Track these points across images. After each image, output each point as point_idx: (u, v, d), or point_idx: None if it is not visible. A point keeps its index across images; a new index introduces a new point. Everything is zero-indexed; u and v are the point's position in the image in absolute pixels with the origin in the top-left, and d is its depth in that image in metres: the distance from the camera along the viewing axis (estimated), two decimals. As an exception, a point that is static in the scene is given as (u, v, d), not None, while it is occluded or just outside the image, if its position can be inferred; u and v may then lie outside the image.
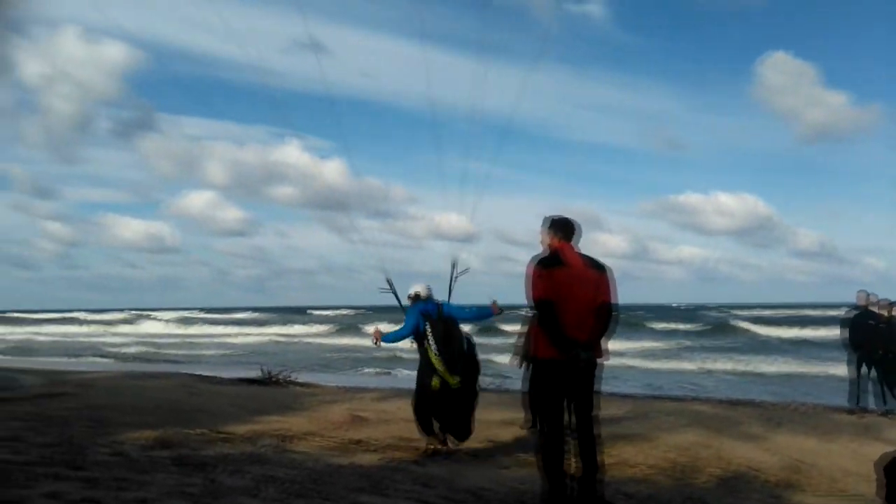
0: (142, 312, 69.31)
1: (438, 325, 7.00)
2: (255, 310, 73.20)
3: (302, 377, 15.07)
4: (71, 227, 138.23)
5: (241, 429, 8.19)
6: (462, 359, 7.02)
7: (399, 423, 8.92)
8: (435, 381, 6.92)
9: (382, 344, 7.43)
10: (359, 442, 7.72)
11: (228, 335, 39.53)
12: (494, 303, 7.32)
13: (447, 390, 6.91)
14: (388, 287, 7.71)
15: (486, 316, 7.45)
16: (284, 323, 48.46)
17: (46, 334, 44.37)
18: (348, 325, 45.50)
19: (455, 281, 7.55)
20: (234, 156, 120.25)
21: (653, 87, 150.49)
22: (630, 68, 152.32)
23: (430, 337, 6.96)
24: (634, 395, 14.26)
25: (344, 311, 65.84)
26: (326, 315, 60.40)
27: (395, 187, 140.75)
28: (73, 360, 24.17)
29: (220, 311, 69.73)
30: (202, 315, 63.18)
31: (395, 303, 7.72)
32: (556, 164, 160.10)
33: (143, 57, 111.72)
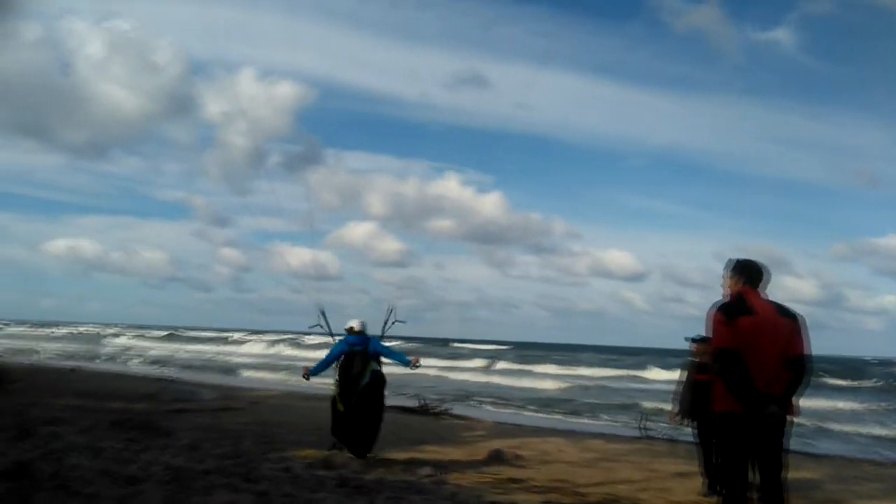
0: (296, 336, 73.17)
1: (348, 358, 8.06)
2: (406, 339, 75.23)
3: (456, 410, 15.20)
4: (243, 253, 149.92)
5: (399, 456, 8.38)
6: (357, 391, 7.96)
7: (559, 464, 8.74)
8: (339, 405, 8.04)
9: (311, 378, 8.44)
10: (517, 481, 7.61)
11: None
12: (416, 358, 8.54)
13: (350, 414, 7.94)
14: (319, 322, 8.80)
15: (403, 363, 8.41)
16: (436, 355, 49.14)
17: (205, 351, 47.82)
18: (501, 360, 45.45)
19: (389, 325, 8.77)
20: (394, 189, 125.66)
21: (849, 118, 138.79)
22: (823, 99, 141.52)
23: (338, 367, 8.08)
24: (826, 455, 12.99)
25: (503, 347, 65.43)
26: (480, 349, 60.62)
27: (555, 222, 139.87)
28: (230, 376, 25.65)
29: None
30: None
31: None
32: (738, 200, 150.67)
33: (312, 94, 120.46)
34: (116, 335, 63.73)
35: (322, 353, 8.77)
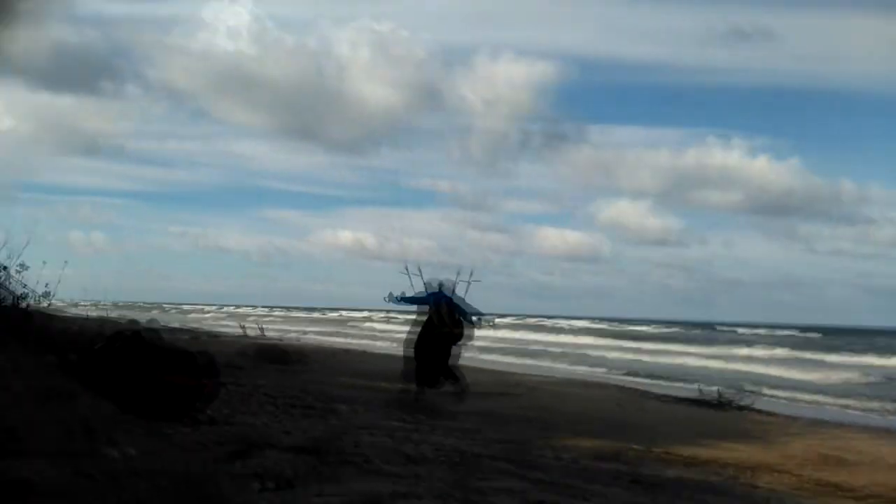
0: (547, 319, 72.74)
1: (443, 303, 10.61)
2: (676, 323, 71.77)
3: (756, 403, 14.04)
4: (508, 238, 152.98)
5: (697, 453, 7.91)
6: (457, 322, 10.56)
7: (889, 470, 7.67)
8: (440, 330, 10.44)
9: (391, 302, 11.12)
10: (834, 486, 6.89)
11: (646, 350, 37.18)
12: (492, 320, 11.55)
13: (439, 342, 10.51)
14: (407, 272, 11.25)
15: (472, 321, 10.91)
16: (720, 341, 45.96)
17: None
18: (806, 347, 41.15)
19: (468, 285, 11.21)
20: (664, 162, 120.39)
21: None
22: None
23: (441, 308, 10.58)
24: None
25: (810, 334, 58.86)
26: (777, 335, 55.56)
27: (871, 189, 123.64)
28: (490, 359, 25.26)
29: (637, 323, 69.34)
30: (608, 326, 62.64)
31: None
32: None
33: (569, 70, 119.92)
34: (366, 319, 68.00)
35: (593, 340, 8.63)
